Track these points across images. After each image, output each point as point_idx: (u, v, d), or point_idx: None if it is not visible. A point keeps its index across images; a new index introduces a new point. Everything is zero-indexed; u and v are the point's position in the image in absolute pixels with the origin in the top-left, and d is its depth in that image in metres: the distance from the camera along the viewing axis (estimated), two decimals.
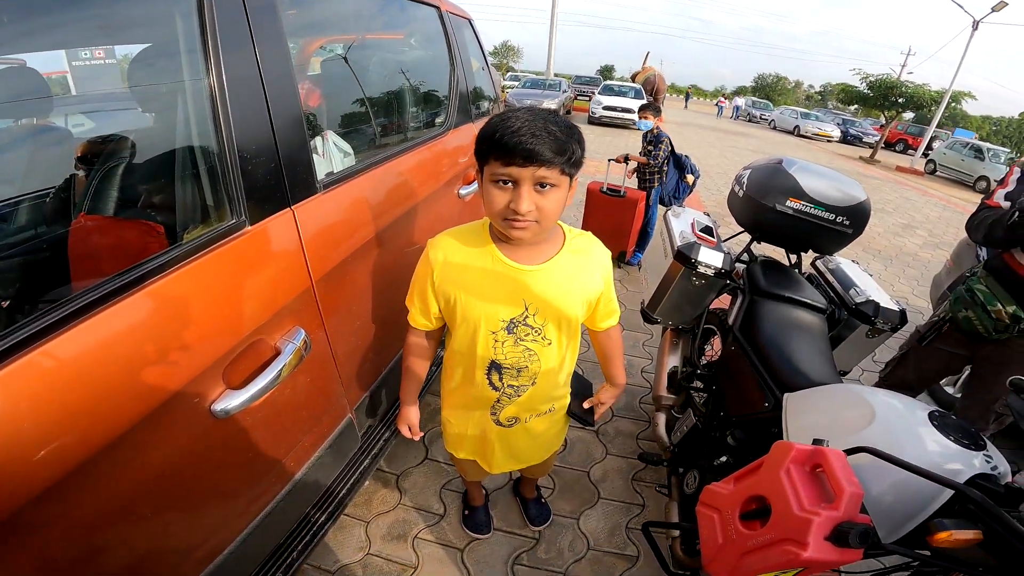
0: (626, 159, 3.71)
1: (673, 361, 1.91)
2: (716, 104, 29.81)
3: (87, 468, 0.67)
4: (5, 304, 1.00)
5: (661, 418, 1.87)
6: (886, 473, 0.79)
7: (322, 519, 1.30)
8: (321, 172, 1.13)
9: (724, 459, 1.35)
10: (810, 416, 1.09)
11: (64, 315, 0.65)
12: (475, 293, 1.00)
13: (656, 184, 3.75)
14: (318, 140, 1.39)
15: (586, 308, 1.07)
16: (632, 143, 10.67)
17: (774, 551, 0.70)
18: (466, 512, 1.73)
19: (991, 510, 0.68)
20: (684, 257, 1.56)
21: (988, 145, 14.89)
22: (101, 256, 1.01)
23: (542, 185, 0.86)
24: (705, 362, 1.77)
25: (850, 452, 0.76)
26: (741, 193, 1.76)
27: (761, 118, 28.40)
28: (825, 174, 1.65)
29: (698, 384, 1.73)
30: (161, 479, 0.81)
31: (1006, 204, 1.50)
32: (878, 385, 1.92)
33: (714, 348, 1.79)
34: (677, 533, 1.44)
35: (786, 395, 1.20)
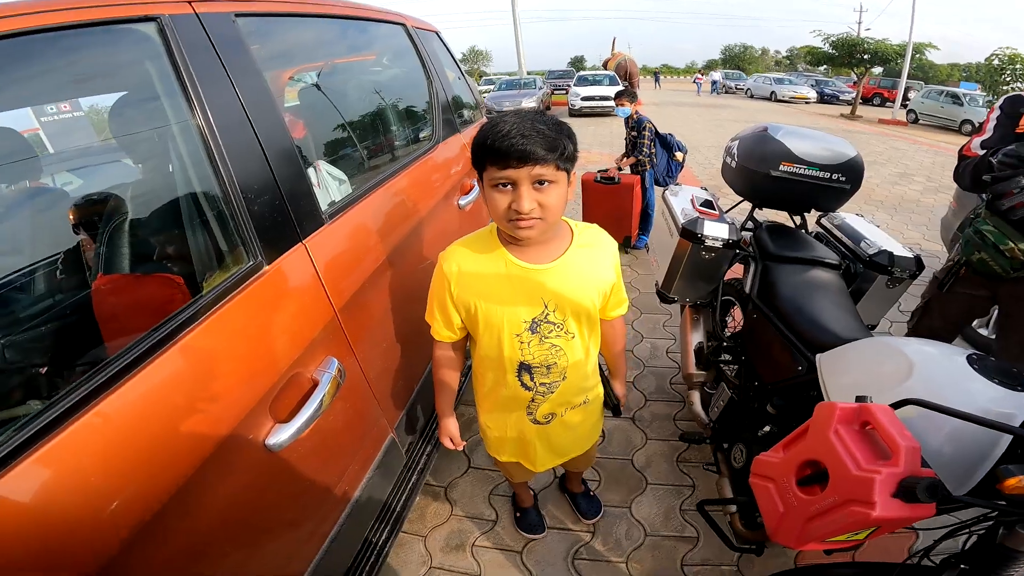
0: (619, 170, 3.84)
1: (697, 337, 1.90)
2: (694, 81, 27.90)
3: (161, 515, 0.69)
4: (43, 371, 1.00)
5: (695, 396, 1.86)
6: (939, 424, 0.77)
7: (383, 538, 1.31)
8: (323, 202, 1.14)
9: (768, 428, 1.34)
10: (848, 374, 1.08)
11: (108, 377, 0.67)
12: (494, 299, 1.02)
13: (648, 167, 3.78)
14: (311, 171, 1.39)
15: (601, 299, 1.09)
16: (616, 130, 10.68)
17: (841, 513, 0.68)
18: (518, 515, 1.74)
19: None
20: (690, 233, 1.57)
21: (963, 90, 14.93)
22: (127, 313, 1.01)
23: (540, 183, 0.89)
24: (729, 334, 1.76)
25: (896, 406, 0.74)
26: (734, 164, 1.77)
27: (737, 88, 28.41)
28: (811, 135, 1.67)
29: (726, 357, 1.73)
30: (228, 518, 0.83)
31: (981, 152, 1.50)
32: (908, 336, 1.90)
33: (735, 319, 1.79)
34: (734, 508, 1.43)
35: (818, 356, 1.18)
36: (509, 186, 0.89)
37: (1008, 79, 12.38)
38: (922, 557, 0.89)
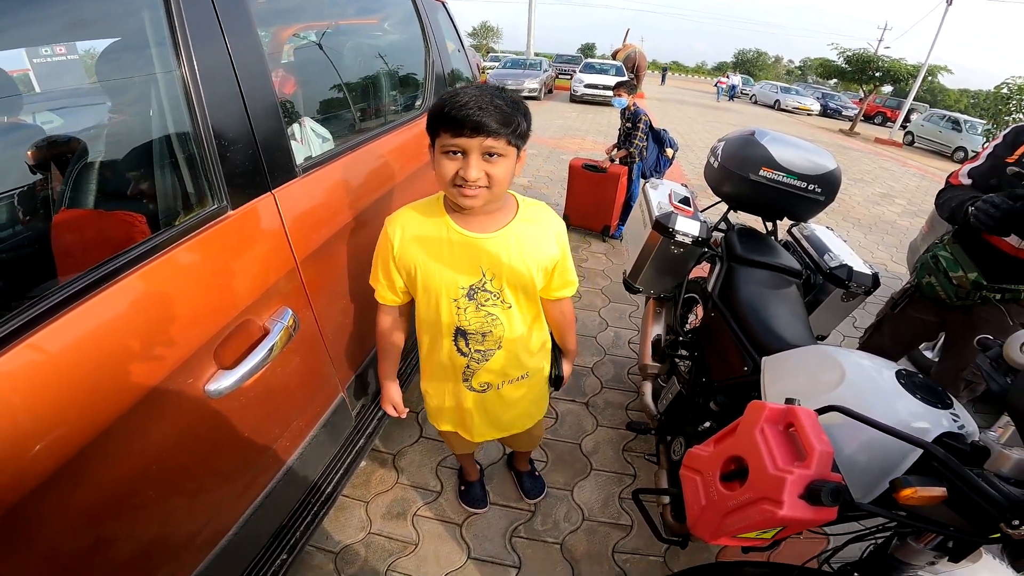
0: (611, 161, 3.83)
1: (657, 330, 1.94)
2: (715, 85, 25.74)
3: (85, 457, 0.68)
4: None
5: (647, 387, 1.90)
6: (858, 433, 0.79)
7: (322, 499, 1.32)
8: (300, 157, 1.14)
9: (708, 424, 1.39)
10: (786, 378, 1.11)
11: (50, 306, 0.65)
12: (434, 263, 1.05)
13: (637, 159, 3.79)
14: (296, 126, 1.38)
15: (543, 275, 1.12)
16: (614, 121, 10.63)
17: (753, 510, 0.69)
18: (462, 488, 1.78)
19: (955, 468, 0.67)
20: (662, 227, 1.59)
21: (965, 117, 15.01)
22: (85, 248, 0.99)
23: (489, 155, 0.92)
24: (688, 329, 1.81)
25: (821, 411, 0.76)
26: (716, 164, 1.78)
27: (742, 93, 28.29)
28: (796, 144, 1.68)
29: (682, 352, 1.77)
30: (161, 464, 0.82)
31: (968, 181, 1.52)
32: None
33: (697, 316, 1.83)
34: (667, 499, 1.48)
35: (764, 358, 1.22)
36: (459, 154, 0.92)
37: (1012, 109, 12.36)
38: (823, 562, 0.93)
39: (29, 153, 1.19)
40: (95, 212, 1.05)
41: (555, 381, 1.36)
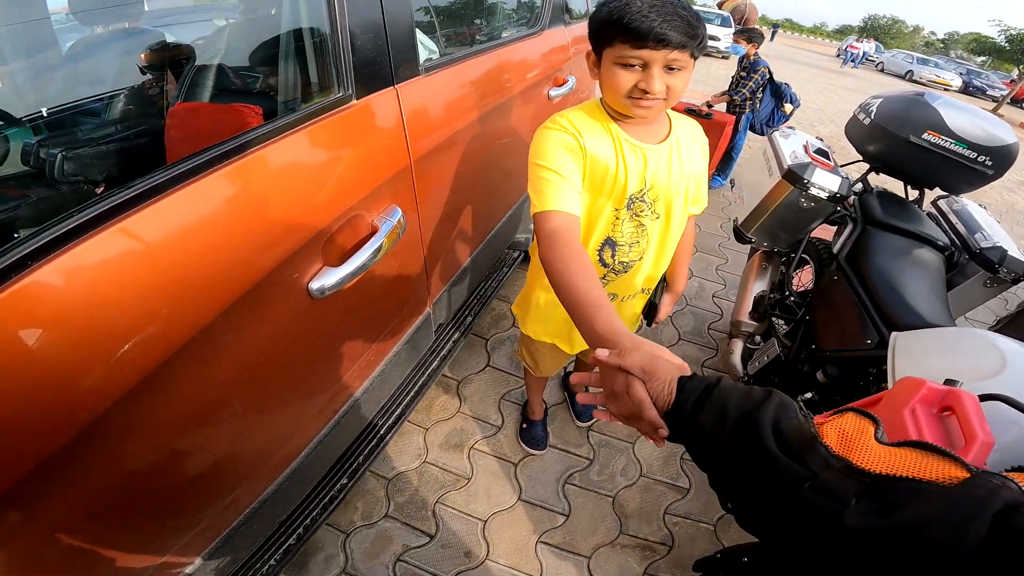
0: (708, 106, 3.57)
1: (760, 286, 1.83)
2: (844, 49, 21.84)
3: (185, 352, 0.64)
4: (100, 189, 0.98)
5: (738, 345, 1.82)
6: (1013, 426, 0.74)
7: (390, 422, 1.31)
8: (422, 57, 1.10)
9: (810, 395, 1.30)
10: (927, 359, 1.02)
11: (153, 185, 0.60)
12: (606, 168, 0.99)
13: (747, 111, 3.54)
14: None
15: (691, 188, 1.10)
16: (715, 71, 9.84)
17: None
18: (524, 426, 1.76)
19: None
20: (795, 176, 1.47)
21: None
22: (199, 139, 0.97)
23: (671, 68, 0.86)
24: (798, 291, 1.69)
25: (983, 399, 0.71)
26: (868, 121, 1.64)
27: (867, 59, 25.15)
28: (972, 111, 1.53)
29: (786, 315, 1.66)
30: (247, 372, 0.78)
31: None
32: None
33: (801, 280, 1.69)
34: None
35: (895, 334, 1.12)
36: (637, 66, 0.86)
37: None
38: None
39: (142, 56, 1.19)
40: (212, 105, 1.05)
41: (649, 310, 1.30)
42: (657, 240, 1.12)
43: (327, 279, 0.83)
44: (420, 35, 1.39)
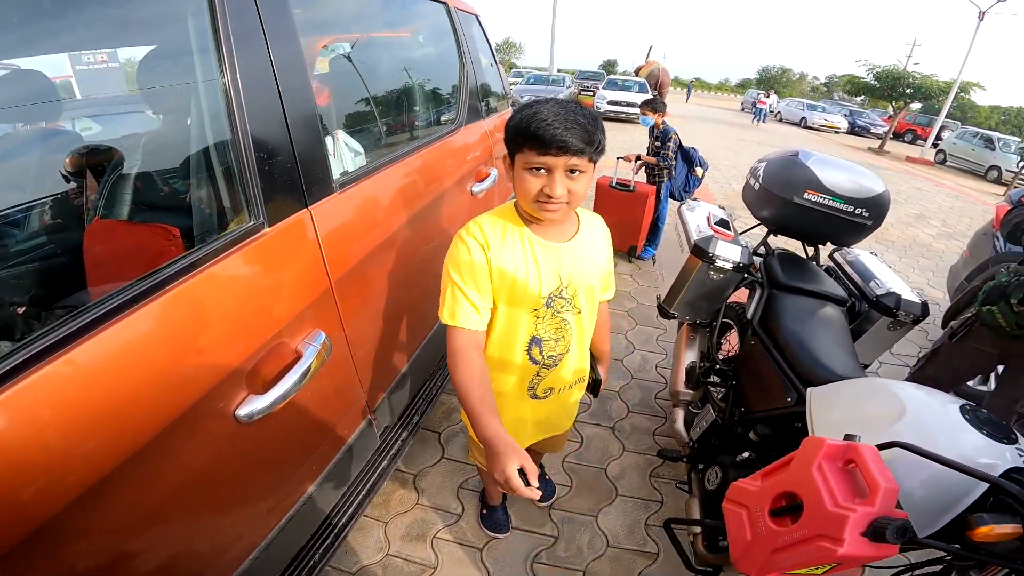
0: (638, 158, 3.74)
1: (691, 356, 1.89)
2: (754, 106, 22.53)
3: (115, 477, 0.66)
4: (21, 311, 0.99)
5: (679, 414, 1.86)
6: (919, 468, 0.78)
7: (343, 521, 1.29)
8: (335, 171, 1.13)
9: (747, 455, 1.34)
10: (837, 410, 1.08)
11: (85, 323, 0.64)
12: (522, 273, 1.04)
13: (666, 179, 3.74)
14: (329, 140, 1.38)
15: (601, 279, 1.18)
16: (637, 138, 10.61)
17: (807, 547, 0.70)
18: (484, 511, 1.74)
19: None
20: (701, 251, 1.56)
21: (998, 134, 14.60)
22: (117, 261, 1.00)
23: (572, 172, 0.94)
24: (723, 357, 1.75)
25: (882, 447, 0.76)
26: (757, 186, 1.75)
27: (771, 111, 27.77)
28: (843, 166, 1.65)
29: (717, 379, 1.72)
30: (188, 485, 0.80)
31: None
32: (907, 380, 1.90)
33: (730, 343, 1.78)
34: (699, 529, 1.43)
35: (810, 389, 1.18)
36: (543, 171, 0.94)
37: None
38: None
39: (67, 160, 1.20)
40: (129, 224, 1.05)
41: (594, 386, 1.37)
42: (579, 332, 1.16)
43: (254, 406, 0.85)
44: (343, 136, 1.45)
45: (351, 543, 1.62)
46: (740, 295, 1.75)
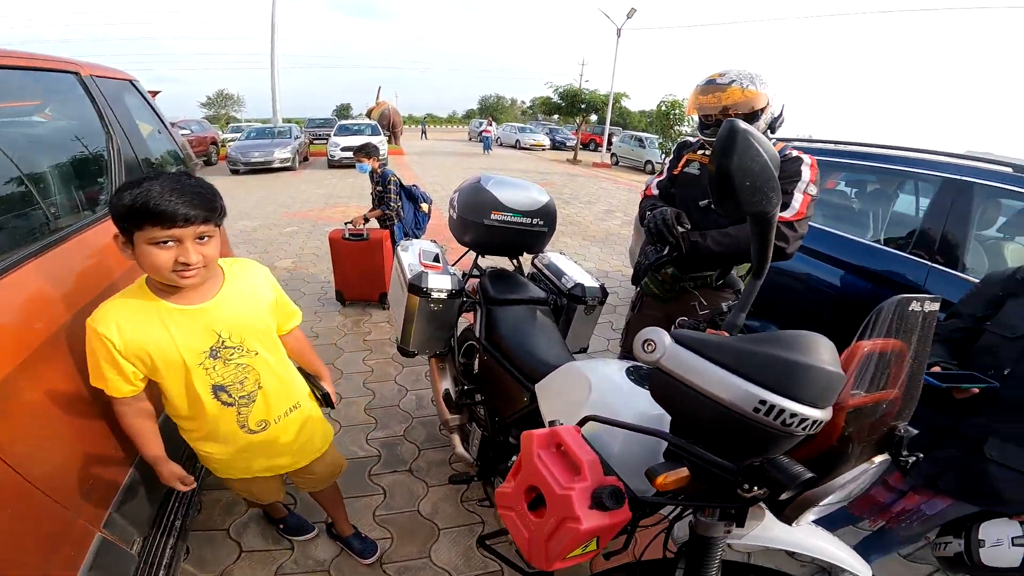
0: (365, 220, 3.72)
1: (445, 384, 1.96)
2: (480, 135, 23.56)
3: None
4: None
5: (456, 439, 1.92)
6: (614, 435, 0.86)
7: None
8: None
9: (513, 458, 1.43)
10: (552, 399, 1.21)
11: None
12: (166, 344, 1.06)
13: (396, 221, 3.82)
14: None
15: (272, 316, 1.25)
16: (368, 184, 10.66)
17: (562, 531, 0.72)
18: (281, 526, 1.78)
19: (687, 447, 0.74)
20: (416, 287, 1.64)
21: (646, 135, 18.84)
22: None
23: (202, 238, 1.01)
24: (474, 375, 1.86)
25: (581, 423, 0.82)
26: (455, 215, 1.87)
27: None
28: (515, 184, 1.84)
29: (472, 398, 1.82)
30: None
31: (656, 192, 1.85)
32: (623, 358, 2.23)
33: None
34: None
35: (536, 385, 1.30)
36: (171, 243, 0.97)
37: (673, 123, 15.02)
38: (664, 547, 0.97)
39: None
40: None
41: (325, 399, 1.43)
42: (265, 368, 1.21)
43: None
44: None
45: None
46: (471, 317, 1.87)
